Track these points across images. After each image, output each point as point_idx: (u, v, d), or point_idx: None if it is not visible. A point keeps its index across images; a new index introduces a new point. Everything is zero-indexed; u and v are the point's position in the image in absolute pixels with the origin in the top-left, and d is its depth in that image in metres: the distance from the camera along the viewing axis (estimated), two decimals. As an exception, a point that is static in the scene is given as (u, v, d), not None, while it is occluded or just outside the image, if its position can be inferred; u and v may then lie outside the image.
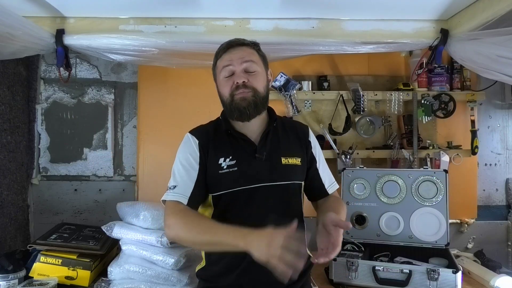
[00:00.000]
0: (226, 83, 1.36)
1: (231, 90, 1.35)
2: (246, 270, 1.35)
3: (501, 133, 2.55)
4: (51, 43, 1.98)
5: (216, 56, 1.42)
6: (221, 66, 1.38)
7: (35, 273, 1.77)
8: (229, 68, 1.36)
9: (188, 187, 1.33)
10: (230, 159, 1.36)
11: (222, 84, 1.38)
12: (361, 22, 2.05)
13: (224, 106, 1.41)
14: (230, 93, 1.35)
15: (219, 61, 1.39)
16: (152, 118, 2.40)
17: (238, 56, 1.36)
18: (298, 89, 2.32)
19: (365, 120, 2.40)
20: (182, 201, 1.31)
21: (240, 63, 1.35)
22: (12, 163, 2.16)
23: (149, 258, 1.79)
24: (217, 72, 1.41)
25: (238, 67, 1.35)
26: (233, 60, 1.35)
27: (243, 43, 1.39)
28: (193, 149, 1.39)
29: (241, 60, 1.35)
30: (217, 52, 1.41)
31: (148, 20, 2.03)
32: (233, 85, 1.35)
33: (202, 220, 1.30)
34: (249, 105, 1.34)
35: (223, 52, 1.38)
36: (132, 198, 2.39)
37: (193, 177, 1.35)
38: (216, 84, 1.43)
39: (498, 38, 1.69)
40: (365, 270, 1.80)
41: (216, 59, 1.42)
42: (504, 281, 1.75)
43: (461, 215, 2.44)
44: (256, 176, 1.36)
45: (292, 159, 1.43)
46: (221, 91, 1.40)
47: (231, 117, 1.40)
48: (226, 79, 1.37)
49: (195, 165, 1.37)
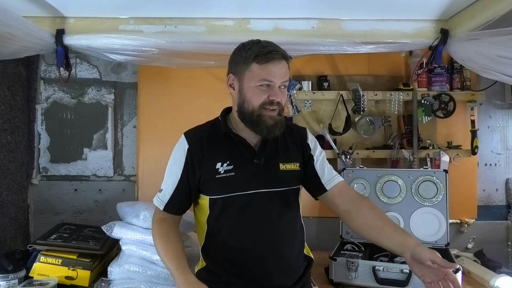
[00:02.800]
0: (261, 93, 1.30)
1: (263, 102, 1.30)
2: (247, 272, 1.35)
3: (501, 133, 2.55)
4: (51, 43, 1.98)
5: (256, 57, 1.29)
6: (260, 76, 1.29)
7: (35, 273, 1.77)
8: (270, 82, 1.29)
9: (168, 193, 1.41)
10: (228, 163, 1.36)
11: (255, 93, 1.30)
12: (361, 22, 2.05)
13: (244, 114, 1.34)
14: (260, 105, 1.31)
15: (259, 67, 1.29)
16: (152, 118, 2.40)
17: (281, 74, 1.30)
18: (298, 89, 2.33)
19: (365, 120, 2.40)
20: (159, 207, 1.42)
21: (281, 81, 1.31)
22: (12, 163, 2.16)
23: (149, 258, 1.79)
24: (250, 76, 1.31)
25: (277, 83, 1.30)
26: (276, 76, 1.29)
27: (286, 57, 1.32)
28: (180, 154, 1.39)
29: (282, 79, 1.31)
30: (258, 53, 1.28)
31: (148, 20, 2.03)
32: (267, 98, 1.30)
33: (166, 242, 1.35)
34: (276, 125, 1.33)
35: (266, 61, 1.28)
36: (132, 198, 2.39)
37: (174, 183, 1.39)
38: (241, 84, 1.34)
39: (498, 38, 1.69)
40: (365, 270, 1.80)
41: (253, 60, 1.29)
42: (504, 281, 1.75)
43: (461, 215, 2.44)
44: (253, 181, 1.36)
45: (290, 165, 1.42)
46: (250, 98, 1.32)
47: (254, 130, 1.34)
48: (261, 89, 1.30)
49: (178, 171, 1.39)
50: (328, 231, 2.33)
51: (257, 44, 1.32)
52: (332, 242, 2.14)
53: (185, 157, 1.38)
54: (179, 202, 1.41)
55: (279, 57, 1.30)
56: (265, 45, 1.31)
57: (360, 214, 1.39)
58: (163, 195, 1.42)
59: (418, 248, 1.20)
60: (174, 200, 1.40)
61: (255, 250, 1.35)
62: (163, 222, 1.41)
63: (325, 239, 2.34)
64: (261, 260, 1.35)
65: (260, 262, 1.35)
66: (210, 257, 1.42)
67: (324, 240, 2.34)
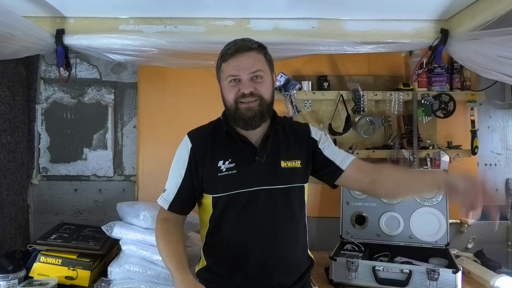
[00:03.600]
0: (232, 89, 1.34)
1: (236, 97, 1.33)
2: (249, 272, 1.35)
3: (501, 133, 2.55)
4: (51, 43, 1.98)
5: (221, 58, 1.36)
6: (227, 73, 1.34)
7: (35, 273, 1.77)
8: (236, 77, 1.32)
9: (172, 193, 1.41)
10: (229, 161, 1.37)
11: (227, 90, 1.35)
12: (361, 22, 2.05)
13: (228, 111, 1.39)
14: (234, 100, 1.33)
15: (225, 65, 1.34)
16: (152, 118, 2.40)
17: (246, 65, 1.31)
18: (298, 89, 2.32)
19: (365, 120, 2.40)
20: (164, 207, 1.42)
21: (248, 72, 1.31)
22: (12, 163, 2.16)
23: (149, 258, 1.79)
24: (222, 76, 1.37)
25: (245, 75, 1.31)
26: (241, 69, 1.31)
27: (250, 48, 1.33)
28: (183, 153, 1.41)
29: (249, 70, 1.31)
30: (223, 53, 1.35)
31: (148, 20, 2.03)
32: (238, 92, 1.32)
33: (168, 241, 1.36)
34: (254, 116, 1.33)
35: (229, 57, 1.32)
36: (132, 198, 2.39)
37: (178, 182, 1.40)
38: (220, 86, 1.41)
39: (498, 38, 1.69)
40: (365, 270, 1.80)
41: (221, 61, 1.36)
42: (504, 281, 1.75)
43: (461, 215, 2.43)
44: (255, 179, 1.37)
45: (292, 162, 1.42)
46: (225, 96, 1.37)
47: (235, 124, 1.38)
48: (231, 85, 1.34)
49: (182, 170, 1.40)
50: (328, 231, 2.33)
51: (225, 45, 1.37)
52: (332, 242, 2.14)
53: (188, 156, 1.39)
54: (183, 201, 1.42)
55: (243, 50, 1.32)
56: (230, 43, 1.36)
57: (385, 177, 1.41)
58: (167, 194, 1.42)
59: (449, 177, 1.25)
60: (178, 199, 1.41)
61: (257, 248, 1.35)
62: (166, 221, 1.41)
63: (325, 239, 2.34)
64: (262, 258, 1.35)
65: (261, 260, 1.35)
66: (211, 255, 1.42)
67: (324, 240, 2.34)
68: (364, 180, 1.43)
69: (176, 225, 1.41)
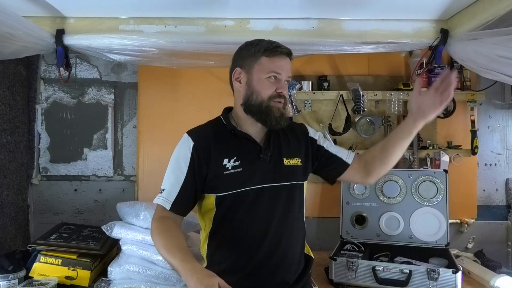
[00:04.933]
0: (270, 85, 1.36)
1: (272, 94, 1.36)
2: (251, 272, 1.35)
3: (501, 133, 2.55)
4: (51, 43, 1.98)
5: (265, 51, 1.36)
6: (269, 68, 1.36)
7: (35, 273, 1.77)
8: (278, 75, 1.37)
9: (174, 192, 1.36)
10: (235, 159, 1.36)
11: (265, 84, 1.36)
12: (361, 22, 2.05)
13: (251, 104, 1.38)
14: (269, 96, 1.36)
15: (268, 61, 1.36)
16: (152, 118, 2.40)
17: (287, 68, 1.39)
18: (298, 89, 2.32)
19: (365, 120, 2.40)
20: (165, 206, 1.36)
21: (287, 76, 1.39)
22: (12, 163, 2.16)
23: (149, 258, 1.79)
24: (259, 68, 1.37)
25: (284, 77, 1.38)
26: (283, 70, 1.37)
27: (291, 54, 1.41)
28: (185, 152, 1.38)
29: (287, 74, 1.39)
30: (267, 47, 1.36)
31: (148, 20, 2.03)
32: (275, 91, 1.36)
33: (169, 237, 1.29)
34: (281, 116, 1.38)
35: (275, 54, 1.36)
36: (132, 198, 2.39)
37: (180, 181, 1.36)
38: (249, 76, 1.38)
39: (498, 38, 1.69)
40: (365, 270, 1.80)
41: (262, 54, 1.36)
42: (504, 281, 1.75)
43: (461, 215, 2.44)
44: (261, 176, 1.37)
45: (293, 160, 1.44)
46: (259, 90, 1.36)
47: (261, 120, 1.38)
48: (270, 82, 1.36)
49: (184, 168, 1.36)
50: (328, 231, 2.33)
51: (265, 40, 1.40)
52: (332, 242, 2.14)
53: (191, 154, 1.36)
54: (186, 200, 1.37)
55: (285, 53, 1.38)
56: (272, 41, 1.40)
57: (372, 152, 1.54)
58: (168, 194, 1.36)
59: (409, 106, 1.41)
60: (181, 199, 1.36)
61: (262, 246, 1.35)
62: (164, 219, 1.35)
63: (325, 239, 2.34)
64: (266, 256, 1.36)
65: (265, 258, 1.36)
66: (214, 255, 1.41)
67: (324, 240, 2.34)
68: (359, 167, 1.54)
69: (175, 223, 1.36)
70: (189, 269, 1.14)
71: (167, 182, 1.39)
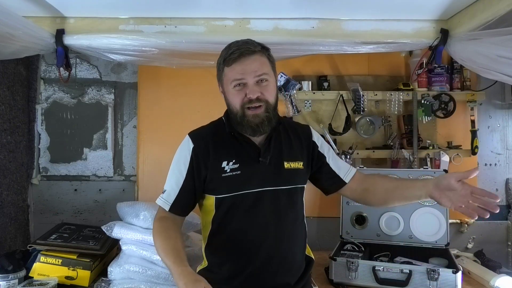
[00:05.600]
0: (238, 94, 1.31)
1: (242, 102, 1.31)
2: (252, 272, 1.35)
3: (501, 133, 2.55)
4: (51, 43, 1.98)
5: (224, 61, 1.32)
6: (231, 77, 1.31)
7: (35, 273, 1.77)
8: (241, 81, 1.30)
9: (173, 193, 1.38)
10: (234, 162, 1.36)
11: (232, 94, 1.33)
12: (361, 22, 2.05)
13: (233, 116, 1.36)
14: (241, 105, 1.31)
15: (229, 70, 1.32)
16: (152, 118, 2.40)
17: (251, 69, 1.29)
18: (298, 89, 2.32)
19: (365, 120, 2.40)
20: (165, 208, 1.39)
21: (253, 76, 1.30)
22: (12, 163, 2.16)
23: (149, 258, 1.79)
24: (225, 81, 1.34)
25: (251, 80, 1.30)
26: (246, 73, 1.29)
27: (254, 51, 1.31)
28: (184, 154, 1.39)
29: (254, 74, 1.29)
30: (225, 57, 1.32)
31: (148, 20, 2.03)
32: (245, 97, 1.31)
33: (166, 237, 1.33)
34: (262, 123, 1.32)
35: (233, 62, 1.30)
36: (132, 198, 2.39)
37: (179, 183, 1.38)
38: (223, 90, 1.38)
39: (498, 38, 1.69)
40: (365, 270, 1.80)
41: (224, 65, 1.33)
42: (504, 281, 1.75)
43: (461, 215, 2.43)
44: (260, 180, 1.37)
45: (295, 163, 1.43)
46: (231, 101, 1.35)
47: (242, 130, 1.36)
48: (236, 90, 1.31)
49: (183, 171, 1.37)
50: (328, 231, 2.33)
51: (226, 48, 1.34)
52: (332, 242, 2.14)
53: (190, 156, 1.37)
54: (184, 202, 1.40)
55: (247, 54, 1.29)
56: (232, 46, 1.33)
57: (377, 186, 1.47)
58: (168, 195, 1.39)
59: (438, 177, 1.29)
60: (180, 200, 1.38)
61: (261, 249, 1.35)
62: (164, 220, 1.39)
63: (325, 239, 2.34)
64: (266, 259, 1.35)
65: (265, 260, 1.35)
66: (213, 256, 1.42)
67: (324, 240, 2.34)
68: (358, 189, 1.50)
69: (174, 223, 1.39)
70: (178, 273, 1.18)
71: (168, 183, 1.41)
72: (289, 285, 1.39)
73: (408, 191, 1.39)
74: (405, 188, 1.41)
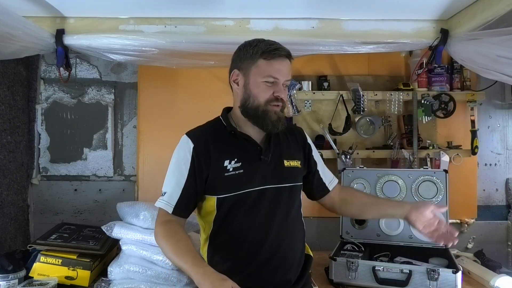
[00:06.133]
0: (267, 89, 1.33)
1: (269, 98, 1.34)
2: (253, 270, 1.35)
3: (501, 133, 2.55)
4: (51, 43, 1.98)
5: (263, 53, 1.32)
6: (267, 72, 1.32)
7: (35, 273, 1.77)
8: (276, 80, 1.33)
9: (175, 195, 1.35)
10: (236, 161, 1.36)
11: (261, 88, 1.34)
12: (361, 22, 2.05)
13: (248, 107, 1.36)
14: (267, 101, 1.34)
15: (265, 64, 1.32)
16: (152, 118, 2.40)
17: (286, 71, 1.35)
18: (298, 89, 2.33)
19: (365, 120, 2.40)
20: (168, 210, 1.35)
21: (285, 79, 1.35)
22: (12, 163, 2.16)
23: (149, 258, 1.79)
24: (256, 71, 1.34)
25: (282, 81, 1.35)
26: (281, 74, 1.33)
27: (290, 55, 1.37)
28: (184, 154, 1.37)
29: (286, 78, 1.35)
30: (265, 49, 1.32)
31: (148, 20, 2.03)
32: (272, 95, 1.34)
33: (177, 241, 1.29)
34: (280, 120, 1.36)
35: (273, 57, 1.32)
36: (132, 198, 2.39)
37: (181, 184, 1.35)
38: (246, 79, 1.36)
39: (498, 38, 1.69)
40: (365, 270, 1.80)
41: (259, 56, 1.33)
42: (504, 281, 1.75)
43: (461, 215, 2.44)
44: (262, 178, 1.37)
45: (294, 162, 1.45)
46: (256, 93, 1.34)
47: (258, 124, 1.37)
48: (267, 85, 1.33)
49: (185, 171, 1.35)
50: (328, 231, 2.33)
51: (264, 41, 1.36)
52: (332, 242, 2.14)
53: (191, 156, 1.35)
54: (187, 203, 1.37)
55: (284, 55, 1.34)
56: (271, 42, 1.36)
57: (355, 198, 1.58)
58: (170, 197, 1.36)
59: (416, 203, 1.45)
60: (183, 202, 1.35)
61: (263, 247, 1.35)
62: (169, 223, 1.35)
63: (325, 239, 2.34)
64: (267, 256, 1.36)
65: (266, 258, 1.36)
66: (215, 255, 1.41)
67: (324, 240, 2.35)
68: (337, 198, 1.59)
69: (180, 226, 1.37)
70: (201, 274, 1.15)
71: (168, 185, 1.38)
72: (290, 283, 1.39)
73: (383, 208, 1.51)
74: (381, 205, 1.52)
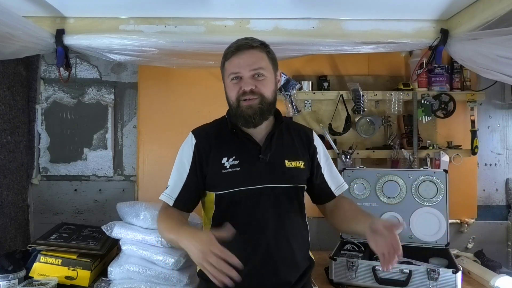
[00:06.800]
0: (234, 87, 1.36)
1: (237, 95, 1.35)
2: (252, 270, 1.35)
3: (501, 133, 2.55)
4: (51, 43, 1.98)
5: (224, 56, 1.39)
6: (229, 70, 1.36)
7: (35, 273, 1.77)
8: (237, 74, 1.34)
9: (177, 189, 1.41)
10: (234, 159, 1.37)
11: (229, 87, 1.38)
12: (361, 22, 2.05)
13: (230, 109, 1.41)
14: (236, 98, 1.35)
15: (227, 63, 1.37)
16: (152, 118, 2.40)
17: (247, 62, 1.33)
18: (298, 89, 2.32)
19: (365, 120, 2.40)
20: (169, 203, 1.41)
21: (249, 70, 1.33)
22: (12, 163, 2.16)
23: (149, 258, 1.79)
24: (225, 74, 1.40)
25: (246, 73, 1.33)
26: (241, 67, 1.33)
27: (252, 46, 1.35)
28: (188, 150, 1.42)
29: (250, 68, 1.33)
30: (225, 52, 1.39)
31: (148, 20, 2.03)
32: (240, 90, 1.34)
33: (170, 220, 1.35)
34: (255, 114, 1.34)
35: (231, 55, 1.35)
36: (132, 198, 2.39)
37: (183, 178, 1.40)
38: (224, 84, 1.43)
39: (498, 38, 1.69)
40: (365, 270, 1.80)
41: (224, 59, 1.39)
42: (504, 281, 1.75)
43: (461, 215, 2.44)
44: (259, 177, 1.37)
45: (296, 163, 1.43)
46: (228, 94, 1.40)
47: (237, 122, 1.40)
48: (233, 83, 1.36)
49: (186, 166, 1.40)
50: (328, 231, 2.33)
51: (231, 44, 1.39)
52: (332, 242, 2.14)
53: (193, 152, 1.40)
54: (188, 197, 1.41)
55: (244, 48, 1.34)
56: (236, 42, 1.38)
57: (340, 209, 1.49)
58: (172, 190, 1.41)
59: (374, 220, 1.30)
60: (184, 196, 1.40)
61: (261, 246, 1.35)
62: (168, 209, 1.41)
63: (325, 239, 2.34)
64: (265, 256, 1.35)
65: (264, 258, 1.35)
66: None
67: (324, 240, 2.34)
68: (332, 206, 1.54)
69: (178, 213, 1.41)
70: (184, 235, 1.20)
71: (172, 179, 1.44)
72: (289, 284, 1.39)
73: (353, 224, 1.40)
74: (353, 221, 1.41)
